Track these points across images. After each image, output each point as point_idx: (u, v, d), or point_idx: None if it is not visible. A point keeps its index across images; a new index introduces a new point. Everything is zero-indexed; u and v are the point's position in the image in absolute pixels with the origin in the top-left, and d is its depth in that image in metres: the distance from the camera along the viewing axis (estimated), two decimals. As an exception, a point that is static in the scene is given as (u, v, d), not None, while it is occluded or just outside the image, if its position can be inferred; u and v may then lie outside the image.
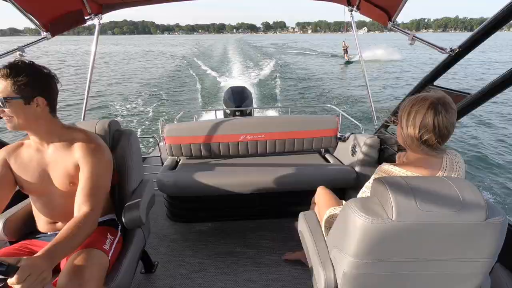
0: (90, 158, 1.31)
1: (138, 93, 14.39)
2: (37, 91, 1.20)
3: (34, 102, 1.20)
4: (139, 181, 1.77)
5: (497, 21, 1.30)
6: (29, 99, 1.18)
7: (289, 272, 1.95)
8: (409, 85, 14.73)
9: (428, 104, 1.04)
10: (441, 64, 1.68)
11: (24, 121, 1.21)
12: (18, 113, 1.18)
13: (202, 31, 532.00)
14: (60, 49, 48.79)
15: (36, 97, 1.20)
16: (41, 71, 1.23)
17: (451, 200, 0.88)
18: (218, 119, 2.80)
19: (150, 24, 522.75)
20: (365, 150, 2.36)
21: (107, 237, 1.40)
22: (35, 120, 1.24)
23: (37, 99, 1.20)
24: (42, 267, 0.95)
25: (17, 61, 1.19)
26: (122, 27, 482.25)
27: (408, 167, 1.16)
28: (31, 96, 1.18)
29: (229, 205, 2.53)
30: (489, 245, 0.91)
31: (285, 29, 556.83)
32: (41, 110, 1.23)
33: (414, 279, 1.01)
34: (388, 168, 1.20)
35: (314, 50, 42.71)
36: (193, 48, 49.77)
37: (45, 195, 1.36)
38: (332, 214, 1.53)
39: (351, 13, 2.32)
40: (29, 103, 1.19)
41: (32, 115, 1.21)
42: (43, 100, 1.22)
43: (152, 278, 1.93)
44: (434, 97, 1.05)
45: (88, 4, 2.11)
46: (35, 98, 1.20)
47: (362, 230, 0.90)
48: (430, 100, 1.04)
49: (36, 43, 2.05)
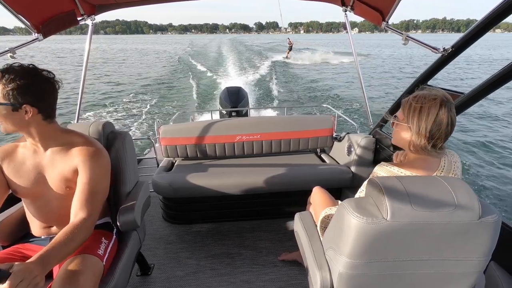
0: (90, 162, 1.28)
1: (131, 94, 14.24)
2: (27, 99, 1.14)
3: (22, 110, 1.15)
4: (134, 183, 1.75)
5: (488, 21, 1.32)
6: (17, 107, 1.14)
7: (285, 272, 1.96)
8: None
9: (440, 102, 1.04)
10: (434, 64, 1.70)
11: (13, 127, 1.18)
12: (7, 118, 1.15)
13: (195, 31, 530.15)
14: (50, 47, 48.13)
15: (24, 105, 1.14)
16: (38, 78, 1.17)
17: (445, 200, 0.88)
18: (214, 120, 2.79)
19: (143, 24, 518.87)
20: (360, 150, 2.37)
21: (102, 242, 1.38)
22: (26, 126, 1.20)
23: (25, 107, 1.15)
24: (35, 272, 0.93)
25: (13, 65, 1.15)
26: (115, 26, 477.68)
27: (406, 166, 1.16)
28: (19, 103, 1.13)
29: (225, 206, 2.52)
30: (483, 244, 0.92)
31: (277, 30, 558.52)
32: (31, 117, 1.18)
33: (409, 278, 1.01)
34: (386, 167, 1.20)
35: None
36: (187, 47, 49.50)
37: (40, 199, 1.33)
38: (328, 214, 1.53)
39: (345, 13, 2.32)
40: (17, 110, 1.14)
41: (21, 122, 1.17)
42: (32, 108, 1.16)
43: (148, 281, 1.92)
44: (441, 94, 1.06)
45: (81, 5, 2.07)
46: (23, 105, 1.14)
47: (357, 231, 0.90)
48: (440, 98, 1.05)
49: (28, 45, 2.01)
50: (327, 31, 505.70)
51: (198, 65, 23.60)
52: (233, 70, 19.91)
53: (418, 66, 23.84)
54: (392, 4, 1.74)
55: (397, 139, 1.21)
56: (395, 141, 1.23)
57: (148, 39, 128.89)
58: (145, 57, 35.23)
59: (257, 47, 43.50)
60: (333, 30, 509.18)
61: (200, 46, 52.76)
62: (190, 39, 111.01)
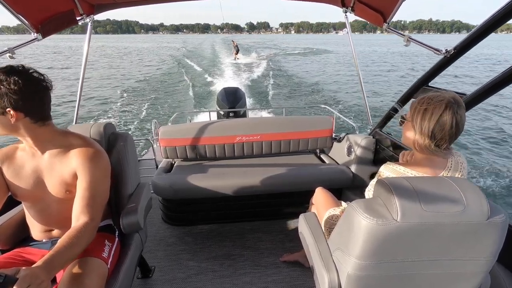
0: (89, 165, 1.25)
1: (126, 94, 14.09)
2: (11, 104, 1.09)
3: (7, 114, 1.11)
4: (135, 185, 1.73)
5: (491, 23, 1.34)
6: (1, 110, 1.10)
7: (288, 273, 1.95)
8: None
9: (445, 103, 1.05)
10: (436, 65, 1.72)
11: (2, 130, 1.15)
12: None
13: (187, 31, 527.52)
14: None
15: (7, 109, 1.10)
16: (24, 80, 1.11)
17: (455, 200, 0.89)
18: (214, 121, 2.77)
19: (134, 23, 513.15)
20: (360, 150, 2.38)
21: (105, 244, 1.37)
22: (14, 130, 1.16)
23: (9, 111, 1.10)
24: (41, 277, 0.91)
25: (2, 68, 1.10)
26: (106, 26, 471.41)
27: (413, 166, 1.17)
28: (2, 108, 1.09)
29: (225, 207, 2.51)
30: (491, 244, 0.93)
31: (268, 30, 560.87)
32: (18, 121, 1.13)
33: (417, 279, 1.01)
34: (392, 167, 1.20)
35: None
36: (181, 48, 49.30)
37: (40, 202, 1.30)
38: (332, 215, 1.53)
39: (346, 14, 2.33)
40: (3, 114, 1.10)
41: (8, 126, 1.14)
42: (16, 113, 1.11)
43: (149, 283, 1.90)
44: (449, 97, 1.07)
45: (80, 4, 2.06)
46: (7, 109, 1.10)
47: (367, 232, 0.90)
48: (447, 100, 1.06)
49: (27, 44, 1.98)
50: (317, 31, 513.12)
51: (194, 65, 23.57)
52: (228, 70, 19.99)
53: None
54: (394, 5, 1.74)
55: (404, 137, 1.24)
56: (403, 140, 1.25)
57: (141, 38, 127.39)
58: (139, 56, 34.95)
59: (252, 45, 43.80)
60: (323, 31, 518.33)
61: (194, 45, 52.62)
62: (183, 39, 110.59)
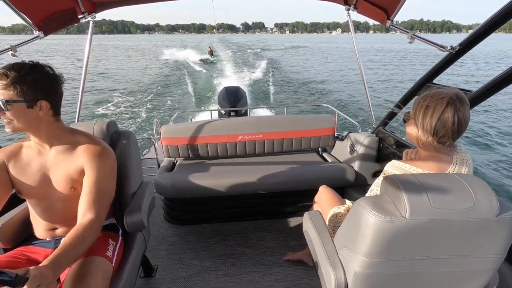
0: (96, 162, 1.25)
1: (126, 93, 14.03)
2: (41, 94, 1.13)
3: (37, 106, 1.14)
4: (139, 184, 1.72)
5: (495, 20, 1.34)
6: (32, 103, 1.12)
7: (291, 272, 1.94)
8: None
9: (447, 100, 1.05)
10: (440, 62, 1.71)
11: (24, 125, 1.15)
12: (19, 116, 1.12)
13: (182, 31, 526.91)
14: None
15: (40, 101, 1.14)
16: (45, 73, 1.16)
17: (464, 197, 0.88)
18: (216, 120, 2.76)
19: (130, 23, 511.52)
20: (363, 148, 2.38)
21: (109, 243, 1.36)
22: (37, 124, 1.18)
23: (41, 102, 1.14)
24: (50, 278, 0.91)
25: (20, 62, 1.13)
26: (101, 26, 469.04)
27: (418, 163, 1.16)
28: (34, 99, 1.12)
29: (228, 206, 2.50)
30: (500, 241, 0.92)
31: (264, 30, 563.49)
32: (44, 114, 1.17)
33: (426, 277, 1.01)
34: (398, 165, 1.20)
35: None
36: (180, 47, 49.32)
37: (45, 200, 1.29)
38: (336, 213, 1.53)
39: (348, 12, 2.32)
40: (32, 107, 1.13)
41: (33, 119, 1.15)
42: (46, 103, 1.16)
43: (152, 282, 1.88)
44: (452, 93, 1.06)
45: (82, 2, 2.06)
46: (39, 101, 1.13)
47: (375, 229, 0.89)
48: (448, 96, 1.05)
49: (29, 42, 1.98)
50: (312, 31, 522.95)
51: (195, 66, 23.55)
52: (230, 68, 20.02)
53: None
54: (398, 2, 1.74)
55: (408, 134, 1.24)
56: (407, 137, 1.25)
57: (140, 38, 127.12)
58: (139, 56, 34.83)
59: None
60: (317, 31, 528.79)
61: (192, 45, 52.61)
62: (180, 39, 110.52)
